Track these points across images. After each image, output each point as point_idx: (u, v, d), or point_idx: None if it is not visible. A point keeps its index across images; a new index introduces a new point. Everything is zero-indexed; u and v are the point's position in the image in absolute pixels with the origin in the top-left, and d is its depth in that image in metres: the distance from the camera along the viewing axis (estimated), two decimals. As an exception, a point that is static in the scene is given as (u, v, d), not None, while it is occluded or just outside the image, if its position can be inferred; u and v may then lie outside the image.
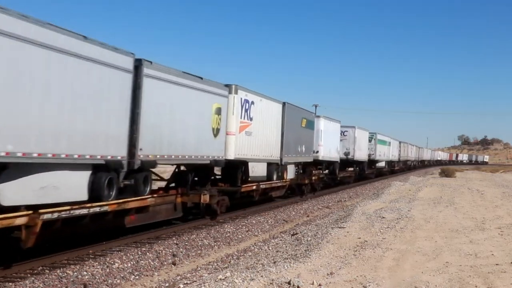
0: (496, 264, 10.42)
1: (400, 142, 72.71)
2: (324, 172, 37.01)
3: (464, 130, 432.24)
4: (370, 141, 50.70)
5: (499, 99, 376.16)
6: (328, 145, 35.63)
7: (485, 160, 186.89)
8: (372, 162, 52.86)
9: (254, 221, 21.00)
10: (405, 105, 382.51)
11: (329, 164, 37.60)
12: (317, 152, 33.30)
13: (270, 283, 8.64)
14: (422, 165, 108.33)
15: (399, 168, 74.72)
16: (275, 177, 25.93)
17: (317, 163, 34.61)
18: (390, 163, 65.62)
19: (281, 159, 26.37)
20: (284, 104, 26.45)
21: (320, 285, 8.67)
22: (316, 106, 65.58)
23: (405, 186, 34.66)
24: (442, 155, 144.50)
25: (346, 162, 43.23)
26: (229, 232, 18.48)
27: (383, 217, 16.92)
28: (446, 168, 58.83)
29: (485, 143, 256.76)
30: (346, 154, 42.04)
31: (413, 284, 8.78)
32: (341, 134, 40.55)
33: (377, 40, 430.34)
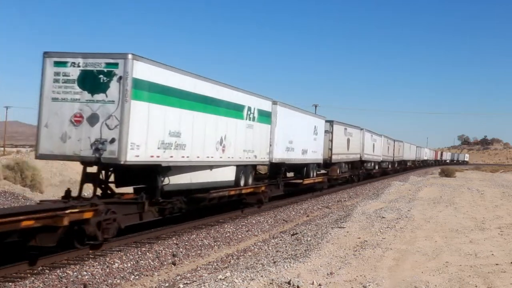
0: (496, 264, 10.42)
1: (345, 129, 38.60)
2: None
3: (464, 130, 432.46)
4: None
5: (499, 99, 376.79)
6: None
7: (465, 159, 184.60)
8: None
9: (254, 221, 21.00)
10: (405, 105, 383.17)
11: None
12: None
13: (270, 283, 8.64)
14: (402, 167, 73.72)
15: (339, 177, 37.98)
16: None
17: None
18: (309, 168, 31.31)
19: None
20: None
21: (320, 285, 8.67)
22: (316, 106, 65.57)
23: (405, 186, 34.66)
24: (429, 154, 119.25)
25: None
26: (229, 232, 18.48)
27: (383, 217, 16.93)
28: (446, 168, 58.73)
29: (485, 143, 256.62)
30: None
31: (413, 284, 8.78)
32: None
33: (377, 40, 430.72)
